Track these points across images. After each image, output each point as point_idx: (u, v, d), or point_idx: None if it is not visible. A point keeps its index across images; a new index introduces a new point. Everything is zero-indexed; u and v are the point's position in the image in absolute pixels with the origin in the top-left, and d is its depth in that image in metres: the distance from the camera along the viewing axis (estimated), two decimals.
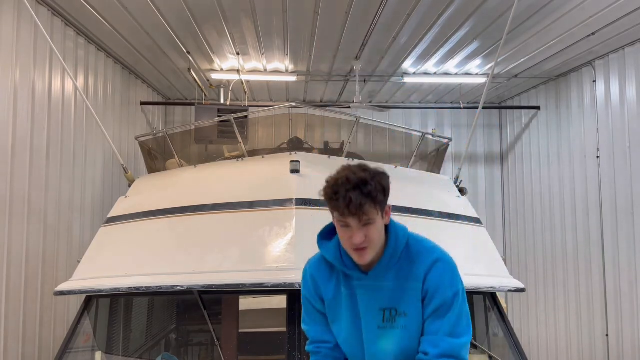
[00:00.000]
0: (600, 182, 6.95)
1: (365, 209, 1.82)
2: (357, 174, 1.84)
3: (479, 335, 4.22)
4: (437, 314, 1.93)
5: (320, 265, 2.12)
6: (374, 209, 1.84)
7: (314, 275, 2.12)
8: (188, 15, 5.79)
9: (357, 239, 1.85)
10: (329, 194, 1.85)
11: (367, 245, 1.88)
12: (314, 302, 2.14)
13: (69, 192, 5.78)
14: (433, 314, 1.94)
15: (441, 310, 1.93)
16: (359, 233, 1.85)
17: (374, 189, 1.81)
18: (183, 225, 3.92)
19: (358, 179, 1.81)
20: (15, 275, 4.75)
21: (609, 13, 5.49)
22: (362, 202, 1.80)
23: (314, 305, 2.14)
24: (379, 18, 5.74)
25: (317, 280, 2.11)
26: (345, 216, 1.83)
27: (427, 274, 1.95)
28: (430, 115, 10.12)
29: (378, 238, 1.91)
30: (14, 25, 4.77)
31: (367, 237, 1.87)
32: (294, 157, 4.37)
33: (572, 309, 7.51)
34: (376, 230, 1.88)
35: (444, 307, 1.93)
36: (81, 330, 3.77)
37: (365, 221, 1.84)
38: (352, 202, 1.79)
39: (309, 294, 2.14)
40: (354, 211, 1.81)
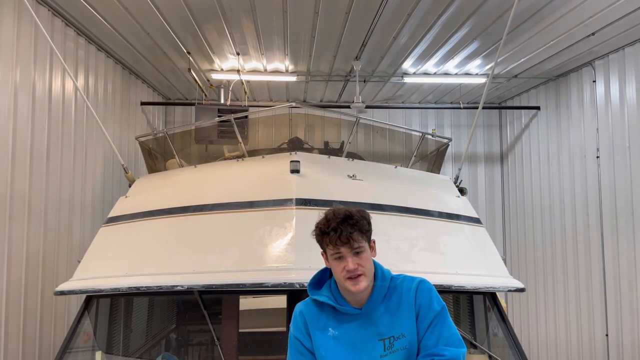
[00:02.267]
0: (600, 182, 6.95)
1: (355, 237, 2.06)
2: (342, 209, 2.12)
3: (479, 335, 4.22)
4: (432, 327, 2.09)
5: (308, 307, 2.25)
6: (362, 238, 2.09)
7: (303, 312, 2.24)
8: (188, 15, 5.79)
9: (351, 265, 2.06)
10: (322, 229, 2.10)
11: (361, 272, 2.08)
12: (304, 341, 2.20)
13: (69, 192, 5.78)
14: (429, 328, 2.09)
15: (435, 323, 2.09)
16: (352, 260, 2.07)
17: (359, 220, 2.09)
18: (183, 225, 3.92)
19: (344, 213, 2.09)
20: (15, 275, 4.75)
21: (609, 13, 5.49)
22: (351, 231, 2.05)
23: (304, 344, 2.20)
24: (379, 18, 5.74)
25: (307, 318, 2.22)
26: (338, 246, 2.07)
27: (416, 293, 2.14)
28: (430, 115, 10.12)
29: (369, 266, 2.13)
30: (14, 25, 4.78)
31: (360, 264, 2.08)
32: (294, 157, 4.37)
33: (572, 309, 7.51)
34: (367, 258, 2.11)
35: (437, 320, 2.10)
36: (81, 330, 3.77)
37: (356, 249, 2.07)
38: (342, 233, 2.05)
39: (298, 332, 2.22)
40: (345, 240, 2.05)
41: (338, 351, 2.12)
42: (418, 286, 2.16)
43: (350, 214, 2.09)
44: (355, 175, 4.36)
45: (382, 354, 2.08)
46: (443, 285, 3.39)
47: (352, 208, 2.17)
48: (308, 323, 2.20)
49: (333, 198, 3.92)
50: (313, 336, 2.17)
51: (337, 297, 2.16)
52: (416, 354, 2.09)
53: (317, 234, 2.12)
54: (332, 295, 2.17)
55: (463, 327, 4.29)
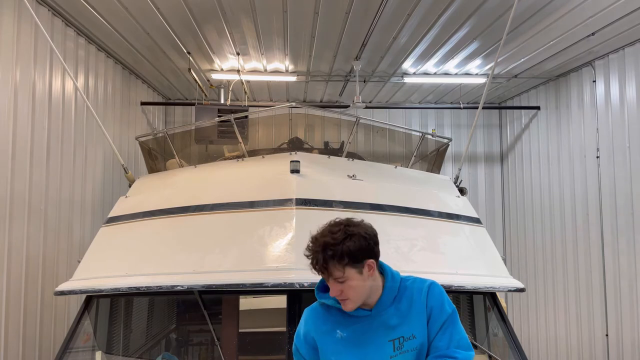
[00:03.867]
0: (600, 182, 6.95)
1: (330, 270, 1.99)
2: (319, 239, 2.01)
3: (479, 335, 4.22)
4: (444, 329, 2.08)
5: (314, 313, 2.22)
6: (338, 270, 1.98)
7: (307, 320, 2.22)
8: (188, 15, 5.79)
9: (332, 292, 2.04)
10: (305, 254, 2.05)
11: (345, 297, 2.04)
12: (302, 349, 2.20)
13: (69, 192, 5.78)
14: (440, 330, 2.08)
15: (447, 325, 2.09)
16: (333, 288, 2.03)
17: (334, 254, 1.96)
18: (183, 225, 3.92)
19: (320, 244, 1.99)
20: (15, 275, 4.75)
21: (609, 13, 5.49)
22: (324, 265, 1.98)
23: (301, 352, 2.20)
24: (379, 18, 5.74)
25: (311, 325, 2.20)
26: (317, 272, 2.03)
27: (427, 295, 2.13)
28: (430, 115, 10.12)
29: (355, 293, 2.04)
30: (14, 25, 4.78)
31: (343, 292, 2.03)
32: (294, 157, 4.37)
33: (572, 309, 7.51)
34: (350, 286, 2.02)
35: (448, 322, 2.09)
36: (81, 330, 3.77)
37: (334, 279, 2.00)
38: (317, 263, 1.99)
39: (298, 340, 2.23)
40: (320, 270, 2.01)
41: (347, 353, 2.10)
42: (429, 288, 2.15)
43: (325, 245, 1.97)
44: (355, 175, 4.36)
45: (392, 355, 2.07)
46: (443, 285, 3.38)
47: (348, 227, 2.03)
48: (313, 330, 2.18)
49: (333, 198, 3.92)
50: (319, 341, 2.15)
51: None
52: (425, 355, 2.09)
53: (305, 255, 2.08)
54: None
55: (463, 326, 4.29)
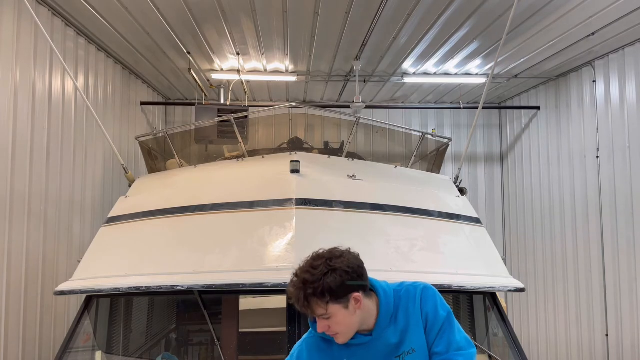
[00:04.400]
0: (600, 182, 6.95)
1: (313, 308, 1.90)
2: (299, 276, 1.92)
3: (479, 335, 4.22)
4: (441, 334, 2.04)
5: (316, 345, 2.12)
6: (321, 307, 1.90)
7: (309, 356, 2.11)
8: (188, 15, 5.79)
9: (319, 329, 1.97)
10: (288, 288, 1.96)
11: (334, 332, 1.97)
12: None
13: (69, 192, 5.78)
14: (438, 335, 2.04)
15: (443, 330, 2.05)
16: (320, 324, 1.96)
17: (315, 291, 1.87)
18: (183, 225, 3.92)
19: (300, 281, 1.90)
20: (15, 275, 4.75)
21: (609, 13, 5.49)
22: (307, 302, 1.89)
23: None
24: (379, 18, 5.74)
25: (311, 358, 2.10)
26: (300, 310, 1.94)
27: (421, 302, 2.07)
28: (430, 115, 10.12)
29: (343, 327, 1.96)
30: (14, 25, 4.78)
31: (331, 328, 1.95)
32: (294, 157, 4.37)
33: (572, 309, 7.51)
34: (337, 322, 1.94)
35: (445, 326, 2.05)
36: (81, 330, 3.77)
37: (318, 316, 1.93)
38: (299, 301, 1.91)
39: None
40: (302, 309, 1.92)
41: None
42: (422, 294, 2.09)
43: (304, 283, 1.88)
44: (355, 175, 4.36)
45: None
46: (443, 285, 3.39)
47: (318, 267, 1.91)
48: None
49: (333, 198, 3.92)
50: None
51: None
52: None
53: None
54: None
55: (463, 327, 4.29)
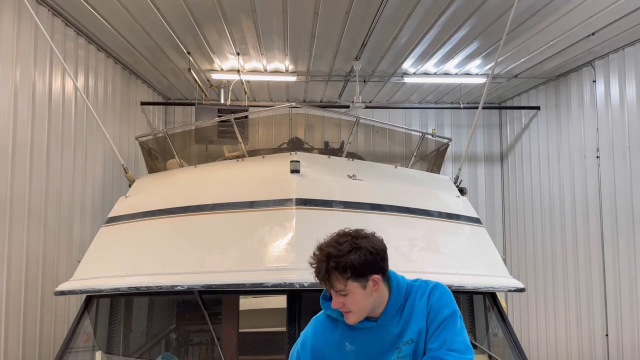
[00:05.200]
0: (600, 182, 6.95)
1: (332, 282, 1.94)
2: (324, 249, 1.96)
3: (479, 335, 4.22)
4: (439, 330, 2.02)
5: (322, 326, 2.16)
6: (340, 283, 1.94)
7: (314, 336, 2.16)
8: (188, 15, 5.79)
9: (333, 304, 2.00)
10: (310, 262, 2.00)
11: (347, 310, 1.99)
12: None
13: (69, 192, 5.78)
14: (435, 331, 2.03)
15: (442, 327, 2.02)
16: (335, 299, 1.99)
17: (338, 265, 1.91)
18: (183, 225, 3.93)
19: (324, 254, 1.94)
20: (15, 275, 4.75)
21: (609, 13, 5.49)
22: (326, 276, 1.94)
23: None
24: (379, 18, 5.74)
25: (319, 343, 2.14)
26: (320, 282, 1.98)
27: (428, 297, 2.07)
28: (430, 115, 10.12)
29: (357, 306, 1.99)
30: (14, 25, 4.77)
31: (345, 305, 1.98)
32: (294, 157, 4.37)
33: (572, 309, 7.51)
34: (353, 300, 1.97)
35: (445, 324, 2.02)
36: (81, 330, 3.77)
37: (336, 291, 1.96)
38: (319, 273, 1.95)
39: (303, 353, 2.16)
40: (322, 281, 1.97)
41: None
42: (432, 290, 2.09)
43: (328, 256, 1.93)
44: (355, 175, 4.36)
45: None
46: None
47: (355, 238, 1.98)
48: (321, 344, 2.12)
49: (333, 198, 3.93)
50: (329, 356, 2.11)
51: None
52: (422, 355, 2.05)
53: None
54: None
55: None
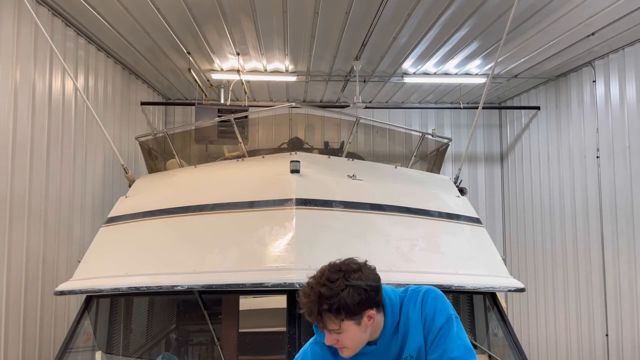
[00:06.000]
0: (600, 182, 6.95)
1: (325, 323, 1.85)
2: (314, 288, 1.84)
3: (479, 335, 4.22)
4: (436, 341, 1.97)
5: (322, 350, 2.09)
6: (334, 323, 1.84)
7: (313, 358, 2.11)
8: (188, 15, 5.79)
9: (327, 341, 1.90)
10: (299, 299, 1.89)
11: (342, 346, 1.92)
12: None
13: (69, 192, 5.78)
14: (433, 342, 1.97)
15: (439, 336, 1.96)
16: (328, 337, 1.89)
17: (331, 307, 1.81)
18: (183, 225, 3.92)
19: (315, 294, 1.83)
20: (15, 275, 4.75)
21: (609, 13, 5.49)
22: (320, 316, 1.84)
23: None
24: (379, 18, 5.74)
25: None
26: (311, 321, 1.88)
27: (421, 306, 2.01)
28: (430, 115, 10.12)
29: (352, 342, 1.91)
30: (14, 25, 4.78)
31: (339, 342, 1.90)
32: (294, 157, 4.37)
33: (572, 309, 7.51)
34: (348, 337, 1.89)
35: (441, 332, 1.97)
36: (81, 330, 3.77)
37: (329, 330, 1.87)
38: (312, 314, 1.84)
39: None
40: (314, 321, 1.87)
41: None
42: (423, 299, 2.03)
43: (320, 297, 1.81)
44: (355, 175, 4.36)
45: None
46: (443, 285, 3.39)
47: (336, 281, 1.84)
48: None
49: (333, 198, 3.92)
50: None
51: None
52: None
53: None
54: None
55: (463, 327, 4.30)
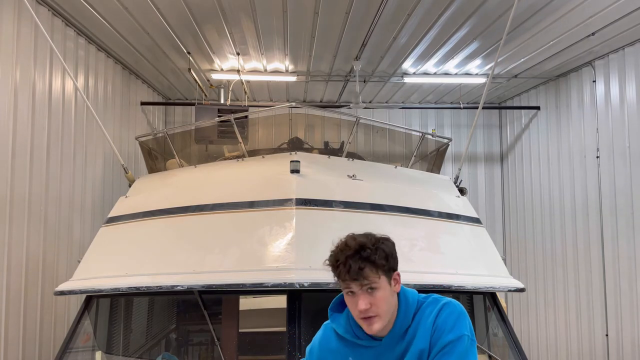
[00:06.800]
0: (600, 182, 6.96)
1: (365, 274, 1.83)
2: (356, 239, 1.88)
3: (479, 335, 4.22)
4: (440, 356, 1.87)
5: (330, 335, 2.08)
6: (374, 274, 1.84)
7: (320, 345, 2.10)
8: (188, 15, 5.79)
9: (362, 305, 1.85)
10: (332, 262, 1.89)
11: (374, 313, 1.87)
12: None
13: (69, 192, 5.78)
14: (436, 356, 1.88)
15: (443, 352, 1.87)
16: (364, 299, 1.85)
17: (373, 254, 1.84)
18: (183, 225, 3.92)
19: (357, 244, 1.85)
20: (15, 275, 4.75)
21: (609, 13, 5.49)
22: (361, 266, 1.82)
23: None
24: (379, 18, 5.74)
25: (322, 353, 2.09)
26: (348, 282, 1.85)
27: (435, 318, 1.93)
28: (430, 115, 10.12)
29: (386, 306, 1.89)
30: (14, 25, 4.78)
31: (373, 305, 1.86)
32: (294, 157, 4.37)
33: (572, 309, 7.51)
34: (382, 297, 1.87)
35: (447, 349, 1.86)
36: (81, 330, 3.77)
37: (367, 286, 1.84)
38: (351, 268, 1.82)
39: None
40: (354, 276, 1.83)
41: None
42: (441, 308, 1.94)
43: (362, 246, 1.84)
44: (355, 175, 4.36)
45: None
46: (443, 285, 3.39)
47: (373, 234, 1.91)
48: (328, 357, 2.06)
49: (333, 198, 3.92)
50: None
51: (355, 329, 1.99)
52: None
53: (330, 265, 1.91)
54: (350, 327, 2.00)
55: None
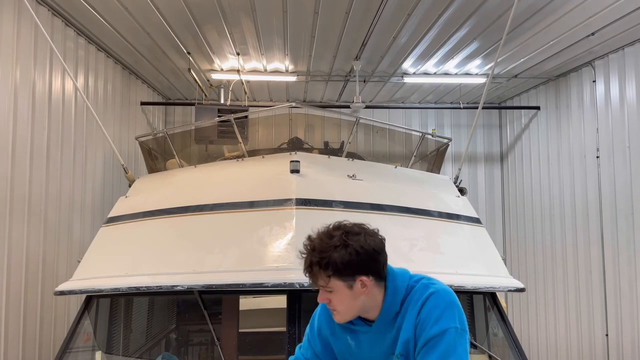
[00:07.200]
0: (600, 182, 6.96)
1: (315, 274, 1.84)
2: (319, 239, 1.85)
3: (479, 335, 4.22)
4: (424, 351, 1.81)
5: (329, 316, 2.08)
6: (323, 280, 1.83)
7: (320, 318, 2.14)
8: (188, 15, 5.79)
9: (319, 298, 1.90)
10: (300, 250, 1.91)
11: (333, 308, 1.90)
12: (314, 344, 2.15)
13: (69, 192, 5.78)
14: (421, 351, 1.82)
15: (427, 347, 1.80)
16: (321, 295, 1.89)
17: (320, 261, 1.80)
18: (183, 225, 3.92)
19: (312, 245, 1.85)
20: (15, 275, 4.75)
21: (609, 13, 5.49)
22: (311, 269, 1.84)
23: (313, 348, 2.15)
24: (379, 18, 5.74)
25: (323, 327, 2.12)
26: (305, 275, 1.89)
27: (421, 307, 1.86)
28: (430, 115, 10.12)
29: (343, 307, 1.88)
30: (14, 25, 4.78)
31: (331, 302, 1.88)
32: (294, 157, 4.37)
33: (572, 309, 7.51)
34: (339, 299, 1.86)
35: (430, 344, 1.79)
36: (81, 330, 3.77)
37: (319, 286, 1.86)
38: (304, 264, 1.86)
39: (312, 334, 2.16)
40: (307, 272, 1.87)
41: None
42: (426, 299, 1.86)
43: (314, 249, 1.82)
44: (355, 175, 4.36)
45: None
46: None
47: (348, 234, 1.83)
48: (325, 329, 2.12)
49: (333, 198, 3.92)
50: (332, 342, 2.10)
51: None
52: None
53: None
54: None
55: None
